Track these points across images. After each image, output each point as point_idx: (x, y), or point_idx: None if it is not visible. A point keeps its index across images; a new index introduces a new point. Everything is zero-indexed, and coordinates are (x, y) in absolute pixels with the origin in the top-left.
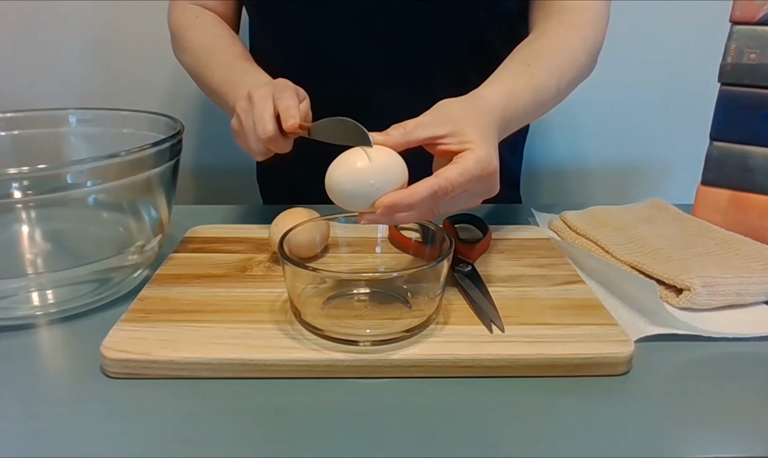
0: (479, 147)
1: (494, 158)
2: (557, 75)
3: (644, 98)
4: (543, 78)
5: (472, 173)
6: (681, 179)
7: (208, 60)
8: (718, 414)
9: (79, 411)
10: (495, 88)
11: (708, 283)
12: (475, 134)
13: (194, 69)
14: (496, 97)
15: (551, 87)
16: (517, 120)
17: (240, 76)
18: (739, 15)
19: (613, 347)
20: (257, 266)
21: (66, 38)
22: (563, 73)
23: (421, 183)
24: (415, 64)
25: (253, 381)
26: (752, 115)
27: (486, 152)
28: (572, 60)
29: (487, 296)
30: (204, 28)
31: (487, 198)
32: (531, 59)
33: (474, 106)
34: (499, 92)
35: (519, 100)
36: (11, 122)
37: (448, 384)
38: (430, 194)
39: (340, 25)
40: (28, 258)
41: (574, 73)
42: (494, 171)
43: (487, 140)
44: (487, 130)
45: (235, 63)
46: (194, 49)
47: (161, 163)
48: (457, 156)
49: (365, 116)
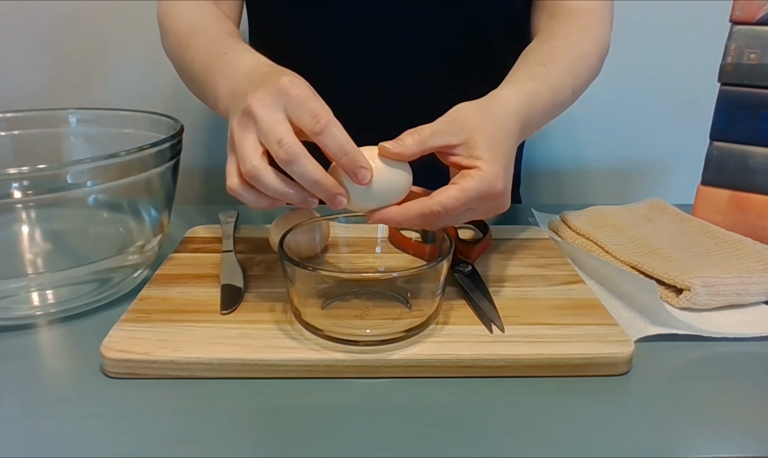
0: (487, 166)
1: (502, 178)
2: (572, 75)
3: (644, 98)
4: (560, 78)
5: (470, 196)
6: (681, 179)
7: (188, 42)
8: (718, 414)
9: (79, 411)
10: (514, 90)
11: (708, 283)
12: (486, 150)
13: (175, 55)
14: (516, 99)
15: (568, 87)
16: (535, 122)
17: (219, 57)
18: (739, 15)
19: (613, 347)
20: (257, 266)
21: (66, 38)
22: (577, 74)
23: (414, 204)
24: (418, 65)
25: (253, 381)
26: (752, 115)
27: (492, 173)
28: (585, 61)
29: (487, 296)
30: (189, 8)
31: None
32: (546, 60)
33: (491, 114)
34: (519, 94)
35: (539, 101)
36: (11, 122)
37: (448, 384)
38: (420, 216)
39: (341, 28)
40: (28, 258)
41: (586, 74)
42: (501, 192)
43: (499, 156)
44: (501, 143)
45: (216, 42)
46: (175, 29)
47: (161, 163)
48: (460, 174)
49: (370, 118)
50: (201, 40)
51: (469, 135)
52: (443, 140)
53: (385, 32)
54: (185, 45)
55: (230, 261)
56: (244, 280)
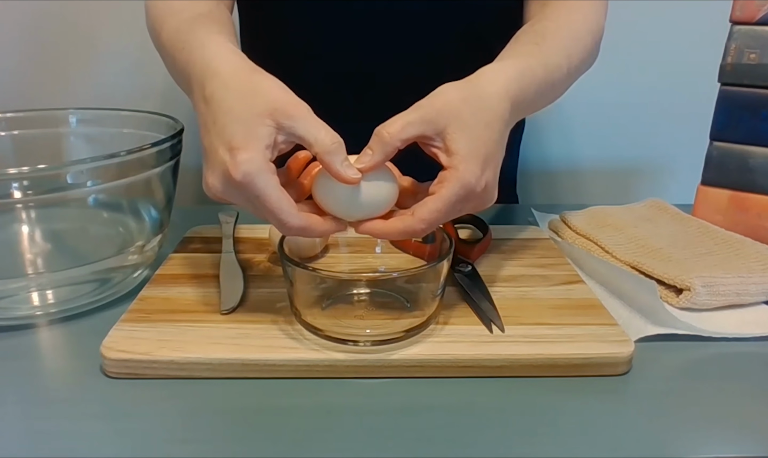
0: (464, 164)
1: (482, 175)
2: (566, 54)
3: (644, 98)
4: (553, 55)
5: (451, 202)
6: (681, 179)
7: (161, 27)
8: (718, 414)
9: (79, 411)
10: (504, 66)
11: (708, 283)
12: (464, 143)
13: (152, 38)
14: (506, 76)
15: (562, 66)
16: (529, 102)
17: (179, 52)
18: (739, 15)
19: (613, 347)
20: (257, 266)
21: (66, 38)
22: (570, 53)
23: (396, 222)
24: (410, 59)
25: (253, 381)
26: (752, 115)
27: (471, 172)
28: (577, 40)
29: (487, 296)
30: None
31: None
32: (537, 39)
33: (477, 98)
34: (509, 71)
35: (532, 79)
36: (11, 122)
37: (448, 384)
38: (402, 233)
39: (332, 21)
40: (28, 258)
41: (580, 54)
42: (484, 190)
43: (478, 148)
44: (482, 132)
45: (180, 30)
46: (153, 12)
47: (161, 163)
48: (438, 180)
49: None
50: (170, 25)
51: (446, 125)
52: (416, 130)
53: (378, 26)
54: (158, 29)
55: (230, 261)
56: (244, 280)
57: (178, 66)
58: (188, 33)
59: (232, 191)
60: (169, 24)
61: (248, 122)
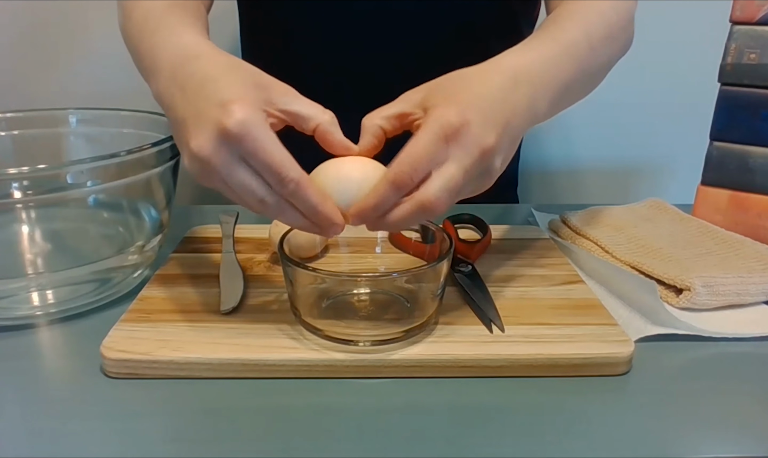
0: (440, 107)
1: (461, 113)
2: (583, 29)
3: (644, 98)
4: (566, 30)
5: (427, 140)
6: (681, 179)
7: (130, 11)
8: (718, 414)
9: (79, 411)
10: (510, 51)
11: (708, 283)
12: (443, 98)
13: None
14: (502, 55)
15: (579, 40)
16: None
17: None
18: (739, 15)
19: (613, 347)
20: (257, 266)
21: (66, 38)
22: (590, 28)
23: (379, 180)
24: (407, 58)
25: (253, 381)
26: (752, 115)
27: (446, 109)
28: (598, 15)
29: (487, 296)
30: None
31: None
32: (548, 22)
33: (470, 71)
34: (513, 52)
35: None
36: (11, 122)
37: (448, 384)
38: (391, 186)
39: (329, 20)
40: (28, 258)
41: (602, 30)
42: (464, 125)
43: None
44: (467, 94)
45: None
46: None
47: (161, 163)
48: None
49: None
50: (140, 10)
51: (424, 96)
52: (396, 109)
53: (378, 25)
54: (128, 14)
55: (230, 261)
56: (244, 280)
57: (144, 46)
58: (160, 19)
59: (223, 151)
60: (142, 6)
61: (241, 84)
